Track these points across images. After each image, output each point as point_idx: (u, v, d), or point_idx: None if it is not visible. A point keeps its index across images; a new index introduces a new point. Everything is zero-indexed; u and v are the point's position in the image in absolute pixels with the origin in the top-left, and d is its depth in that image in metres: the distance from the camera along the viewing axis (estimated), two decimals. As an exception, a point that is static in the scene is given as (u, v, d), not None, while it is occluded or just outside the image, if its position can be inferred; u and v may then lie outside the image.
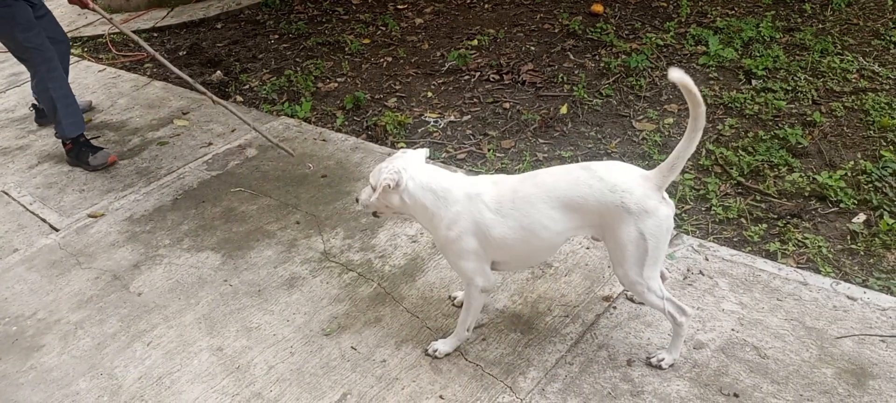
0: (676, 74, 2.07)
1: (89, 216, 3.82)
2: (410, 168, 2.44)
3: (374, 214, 2.65)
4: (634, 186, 2.24)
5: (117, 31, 6.55)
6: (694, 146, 2.20)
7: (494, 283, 2.55)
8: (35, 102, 4.86)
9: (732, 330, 2.59)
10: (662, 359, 2.47)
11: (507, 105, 4.52)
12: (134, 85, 5.47)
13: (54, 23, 4.44)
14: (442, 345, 2.63)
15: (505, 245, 2.40)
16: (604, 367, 2.50)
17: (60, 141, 4.39)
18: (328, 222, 3.50)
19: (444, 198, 2.41)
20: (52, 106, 4.21)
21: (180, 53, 5.98)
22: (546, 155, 3.91)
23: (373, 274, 3.10)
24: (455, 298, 2.91)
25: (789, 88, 4.22)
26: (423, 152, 2.55)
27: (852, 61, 4.40)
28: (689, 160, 3.64)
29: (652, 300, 2.34)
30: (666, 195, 2.29)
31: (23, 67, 6.03)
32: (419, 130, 4.36)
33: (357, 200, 2.61)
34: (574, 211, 2.31)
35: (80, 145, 4.33)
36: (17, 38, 4.04)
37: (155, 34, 6.52)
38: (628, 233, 2.24)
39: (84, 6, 4.16)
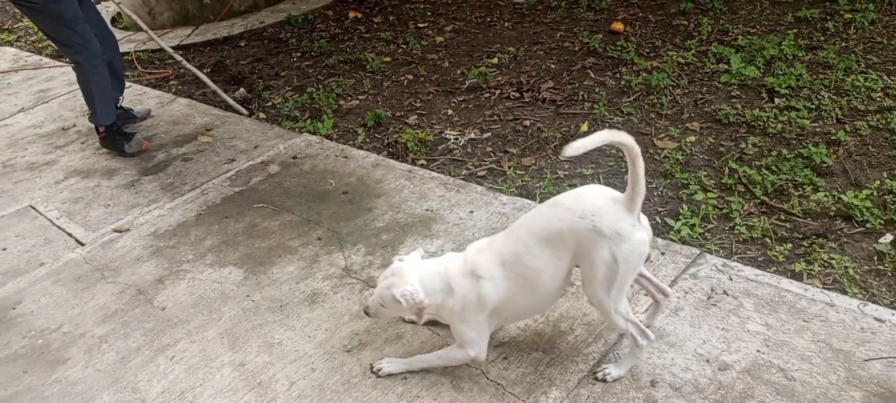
0: (570, 151, 2.15)
1: (115, 231, 3.87)
2: (414, 278, 2.46)
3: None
4: (605, 209, 2.28)
5: (148, 48, 6.66)
6: (640, 171, 2.23)
7: (484, 360, 2.56)
8: (122, 106, 5.00)
9: (758, 351, 2.56)
10: (609, 373, 2.50)
11: (527, 122, 4.52)
12: (159, 102, 5.55)
13: (103, 24, 4.71)
14: (387, 365, 2.64)
15: (512, 303, 2.47)
16: (627, 388, 2.48)
17: (94, 128, 4.73)
18: (349, 238, 3.52)
19: (451, 289, 2.47)
20: (90, 96, 4.55)
21: (205, 70, 6.05)
22: (567, 172, 3.91)
23: (394, 291, 3.10)
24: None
25: (813, 107, 4.19)
26: (417, 253, 2.60)
27: (877, 80, 4.36)
28: (711, 178, 3.64)
29: (617, 321, 2.39)
30: (643, 219, 2.33)
31: (51, 84, 6.17)
32: (439, 147, 4.38)
33: (366, 312, 2.62)
34: (557, 245, 2.35)
35: (113, 134, 4.66)
36: (65, 32, 4.31)
37: (179, 52, 6.59)
38: (601, 255, 2.27)
39: None
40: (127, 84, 5.93)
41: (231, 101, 4.44)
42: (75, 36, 4.31)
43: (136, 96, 5.69)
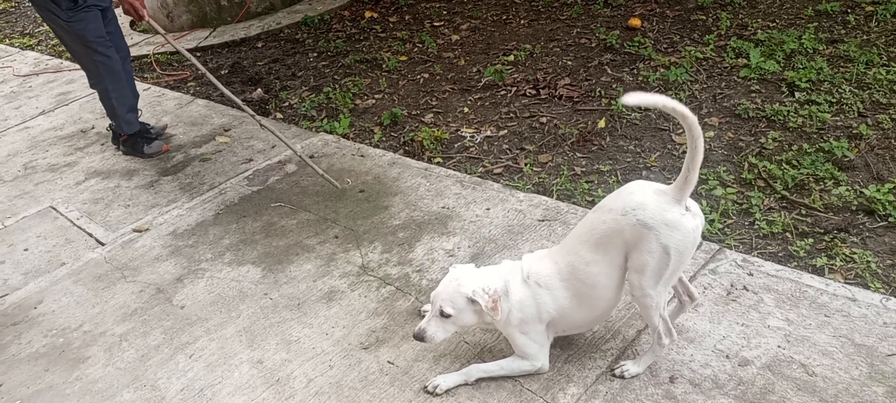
0: (632, 99, 2.09)
1: (134, 230, 3.91)
2: (476, 278, 2.44)
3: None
4: (646, 202, 2.24)
5: (167, 50, 6.73)
6: (700, 155, 2.17)
7: (548, 369, 2.55)
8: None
9: (779, 346, 2.53)
10: (627, 369, 2.48)
11: (543, 119, 4.51)
12: (178, 103, 5.60)
13: (120, 35, 4.66)
14: (443, 382, 2.55)
15: (570, 314, 2.46)
16: (646, 384, 2.46)
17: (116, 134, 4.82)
18: (366, 236, 3.53)
19: (507, 293, 2.45)
20: (113, 110, 4.61)
21: (222, 72, 6.11)
22: (584, 169, 3.89)
23: (410, 288, 3.11)
24: None
25: (834, 100, 4.13)
26: (471, 265, 2.58)
27: (900, 72, 4.29)
28: (731, 173, 3.60)
29: (653, 315, 2.36)
30: (693, 205, 2.27)
31: (71, 87, 6.24)
32: (455, 145, 4.37)
33: (423, 338, 2.46)
34: (607, 248, 2.32)
35: (135, 137, 4.72)
36: (87, 49, 4.34)
37: (198, 53, 6.66)
38: (650, 248, 2.23)
39: (140, 18, 4.30)
40: (146, 86, 6.01)
41: (244, 107, 4.41)
42: (97, 56, 4.34)
43: (154, 98, 5.75)
